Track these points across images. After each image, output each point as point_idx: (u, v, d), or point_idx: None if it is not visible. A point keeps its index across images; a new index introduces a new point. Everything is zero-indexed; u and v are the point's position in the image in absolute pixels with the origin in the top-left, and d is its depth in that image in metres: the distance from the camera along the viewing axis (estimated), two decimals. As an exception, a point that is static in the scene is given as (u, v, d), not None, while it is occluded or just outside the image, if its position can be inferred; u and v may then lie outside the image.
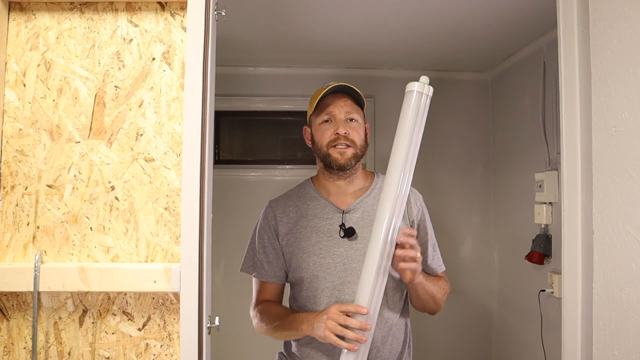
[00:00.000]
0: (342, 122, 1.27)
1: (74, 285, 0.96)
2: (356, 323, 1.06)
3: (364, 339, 1.06)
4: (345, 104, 1.28)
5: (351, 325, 1.06)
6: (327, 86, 1.28)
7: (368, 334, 1.08)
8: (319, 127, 1.30)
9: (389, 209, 1.11)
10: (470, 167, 2.80)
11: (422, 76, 1.15)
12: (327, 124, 1.28)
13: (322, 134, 1.28)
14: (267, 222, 1.33)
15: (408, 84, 1.15)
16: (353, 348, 1.06)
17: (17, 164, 1.01)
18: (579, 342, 1.09)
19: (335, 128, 1.26)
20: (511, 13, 1.90)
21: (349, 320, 1.07)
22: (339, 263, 1.23)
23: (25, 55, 1.02)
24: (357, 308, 1.08)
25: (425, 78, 1.14)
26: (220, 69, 1.25)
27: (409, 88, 1.14)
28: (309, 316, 1.17)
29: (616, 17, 0.99)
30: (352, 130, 1.27)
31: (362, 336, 1.06)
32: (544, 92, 2.16)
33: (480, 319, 2.76)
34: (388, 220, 1.10)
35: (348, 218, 1.27)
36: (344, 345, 1.07)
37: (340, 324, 1.07)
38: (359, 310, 1.07)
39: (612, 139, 1.00)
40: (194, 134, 0.97)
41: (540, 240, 2.12)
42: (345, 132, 1.25)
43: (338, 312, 1.09)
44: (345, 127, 1.26)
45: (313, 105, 1.29)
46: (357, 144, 1.27)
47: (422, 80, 1.14)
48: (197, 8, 0.99)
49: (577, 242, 1.11)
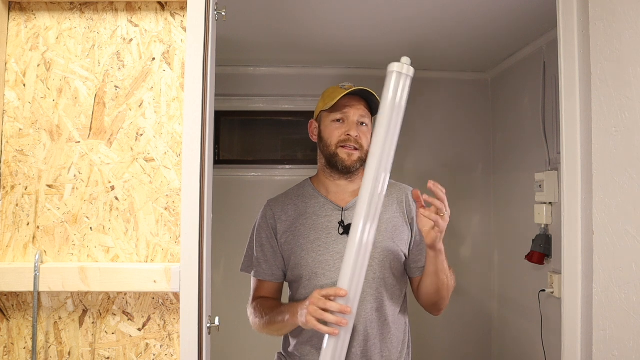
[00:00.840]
0: (355, 125, 1.28)
1: (74, 285, 0.96)
2: (336, 306, 1.03)
3: (345, 322, 1.03)
4: (360, 107, 1.30)
5: (331, 309, 1.04)
6: (344, 85, 1.29)
7: (349, 318, 1.05)
8: (330, 125, 1.30)
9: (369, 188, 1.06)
10: (470, 167, 2.80)
11: (403, 57, 1.08)
12: (339, 123, 1.29)
13: (332, 132, 1.29)
14: (265, 221, 1.33)
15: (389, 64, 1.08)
16: (334, 332, 1.03)
17: (17, 164, 1.01)
18: (579, 342, 1.09)
19: (347, 129, 1.27)
20: (511, 13, 1.90)
21: (329, 303, 1.04)
22: (338, 260, 1.23)
23: (25, 55, 1.02)
24: (336, 291, 1.05)
25: (406, 59, 1.08)
26: (220, 69, 1.25)
27: (389, 69, 1.08)
28: (294, 305, 1.16)
29: (616, 17, 0.99)
30: (363, 135, 1.28)
31: (342, 319, 1.02)
32: (544, 92, 2.16)
33: (480, 319, 2.76)
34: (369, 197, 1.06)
35: (347, 215, 1.28)
36: (324, 329, 1.04)
37: (321, 307, 1.05)
38: (337, 293, 1.04)
39: (612, 139, 1.00)
40: (194, 134, 0.97)
41: (540, 240, 2.12)
42: (356, 135, 1.27)
43: (319, 296, 1.06)
44: (357, 130, 1.27)
45: (328, 102, 1.29)
46: (364, 149, 1.28)
47: (402, 61, 1.07)
48: (197, 8, 0.99)
49: (577, 242, 1.11)
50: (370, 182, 1.06)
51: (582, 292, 1.09)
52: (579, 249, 1.10)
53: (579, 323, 1.09)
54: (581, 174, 1.10)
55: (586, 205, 1.09)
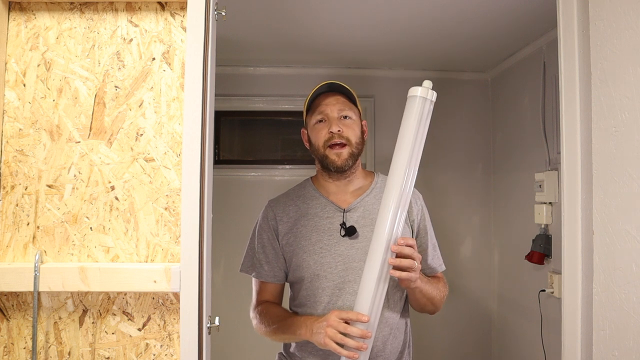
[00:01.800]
0: (335, 120, 1.26)
1: (74, 285, 0.96)
2: (357, 332, 1.04)
3: (365, 347, 1.04)
4: (337, 102, 1.28)
5: (352, 334, 1.04)
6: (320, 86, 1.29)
7: (368, 342, 1.06)
8: (313, 128, 1.30)
9: (390, 216, 1.07)
10: (470, 167, 2.80)
11: (425, 80, 1.09)
12: (321, 123, 1.28)
13: (317, 134, 1.28)
14: (266, 222, 1.33)
15: (411, 88, 1.09)
16: (354, 356, 1.04)
17: (17, 164, 1.01)
18: (579, 342, 1.09)
19: (328, 127, 1.26)
20: (511, 13, 1.90)
21: (350, 328, 1.05)
22: (340, 262, 1.23)
23: (25, 55, 1.02)
24: (357, 316, 1.05)
25: (428, 83, 1.08)
26: (220, 69, 1.25)
27: (412, 93, 1.08)
28: (308, 321, 1.15)
29: (616, 17, 0.99)
30: (346, 128, 1.26)
31: (362, 344, 1.04)
32: (544, 92, 2.16)
33: (480, 319, 2.76)
34: (389, 227, 1.07)
35: (349, 217, 1.27)
36: (344, 353, 1.05)
37: (341, 331, 1.05)
38: (359, 318, 1.05)
39: (612, 139, 1.00)
40: (194, 134, 0.97)
41: (540, 240, 2.12)
42: (339, 130, 1.25)
43: (338, 319, 1.07)
44: (338, 124, 1.26)
45: (305, 106, 1.30)
46: (353, 142, 1.27)
47: (425, 85, 1.08)
48: (197, 8, 0.99)
49: (577, 242, 1.11)
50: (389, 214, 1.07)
51: (582, 292, 1.09)
52: (579, 249, 1.10)
53: (579, 323, 1.09)
54: (581, 174, 1.10)
55: (586, 205, 1.09)
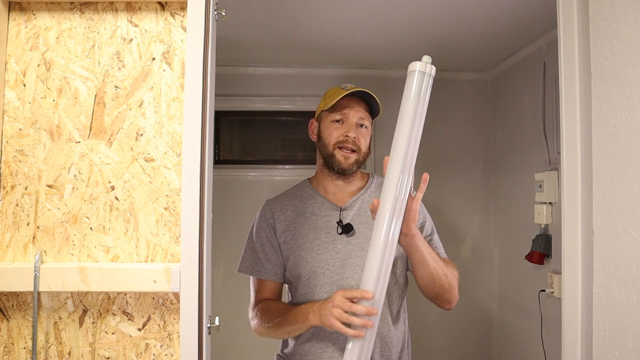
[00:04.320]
0: (354, 126, 1.28)
1: (74, 285, 0.96)
2: (362, 309, 1.03)
3: (371, 324, 1.02)
4: (360, 110, 1.30)
5: (357, 312, 1.03)
6: (345, 86, 1.29)
7: (374, 319, 1.04)
8: (329, 125, 1.30)
9: (393, 187, 1.05)
10: (470, 167, 2.80)
11: (424, 55, 1.07)
12: (338, 124, 1.29)
13: (330, 132, 1.29)
14: (264, 220, 1.33)
15: (410, 63, 1.07)
16: (360, 334, 1.03)
17: (17, 164, 1.01)
18: (579, 342, 1.09)
19: (346, 130, 1.27)
20: (511, 13, 1.90)
21: (355, 306, 1.04)
22: (337, 259, 1.23)
23: (25, 55, 1.02)
24: (362, 293, 1.03)
25: (427, 57, 1.06)
26: (220, 69, 1.25)
27: (411, 68, 1.06)
28: (314, 306, 1.14)
29: (616, 17, 0.99)
30: (361, 137, 1.29)
31: (368, 321, 1.02)
32: (544, 92, 2.16)
33: (480, 319, 2.76)
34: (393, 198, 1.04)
35: (345, 215, 1.28)
36: (350, 332, 1.03)
37: (346, 310, 1.05)
38: (364, 296, 1.03)
39: (612, 139, 1.00)
40: (194, 134, 0.97)
41: (540, 240, 2.12)
42: (354, 137, 1.27)
43: (343, 298, 1.06)
44: (355, 131, 1.28)
45: (329, 102, 1.29)
46: (362, 151, 1.29)
47: (424, 60, 1.06)
48: (197, 8, 0.99)
49: (577, 242, 1.11)
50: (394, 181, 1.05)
51: (582, 292, 1.09)
52: (579, 249, 1.10)
53: (579, 323, 1.09)
54: (581, 174, 1.10)
55: (586, 205, 1.09)
